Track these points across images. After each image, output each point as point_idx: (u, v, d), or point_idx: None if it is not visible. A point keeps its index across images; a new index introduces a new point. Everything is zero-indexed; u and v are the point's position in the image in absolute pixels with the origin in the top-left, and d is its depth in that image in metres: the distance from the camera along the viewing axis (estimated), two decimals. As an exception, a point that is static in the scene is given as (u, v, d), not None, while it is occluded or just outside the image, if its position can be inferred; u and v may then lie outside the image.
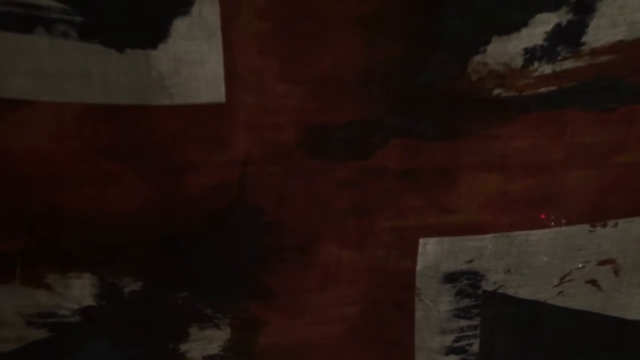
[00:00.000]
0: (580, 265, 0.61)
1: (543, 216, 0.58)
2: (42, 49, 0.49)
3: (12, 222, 0.54)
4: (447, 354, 0.63)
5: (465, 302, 0.61)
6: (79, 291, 0.56)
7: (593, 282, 0.62)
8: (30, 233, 0.54)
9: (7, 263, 0.55)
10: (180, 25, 0.49)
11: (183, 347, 0.60)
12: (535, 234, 0.59)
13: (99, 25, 0.48)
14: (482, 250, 0.59)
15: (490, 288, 0.61)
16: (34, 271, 0.55)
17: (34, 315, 0.57)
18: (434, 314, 0.61)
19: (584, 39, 0.52)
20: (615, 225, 0.59)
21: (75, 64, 0.49)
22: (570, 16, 0.51)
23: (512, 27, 0.51)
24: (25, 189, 0.53)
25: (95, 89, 0.50)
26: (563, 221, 0.58)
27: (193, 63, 0.50)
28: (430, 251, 0.59)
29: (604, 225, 0.59)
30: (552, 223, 0.58)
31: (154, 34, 0.49)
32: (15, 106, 0.50)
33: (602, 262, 0.61)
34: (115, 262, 0.56)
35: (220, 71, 0.51)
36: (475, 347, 0.63)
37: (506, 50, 0.52)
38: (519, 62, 0.53)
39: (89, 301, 0.57)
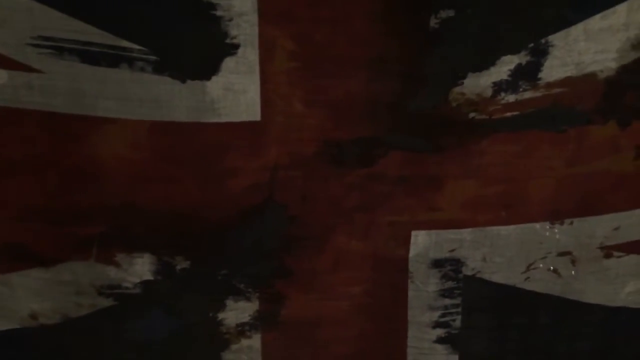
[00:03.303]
0: (543, 256, 0.67)
1: (510, 214, 0.65)
2: (125, 80, 0.55)
3: (96, 212, 0.61)
4: (434, 327, 0.69)
5: (449, 284, 0.67)
6: (141, 268, 0.63)
7: (554, 271, 0.68)
8: (109, 221, 0.62)
9: (87, 244, 0.63)
10: (229, 62, 0.56)
11: (221, 316, 0.66)
12: (505, 229, 0.65)
13: (168, 63, 0.56)
14: (462, 242, 0.65)
15: (469, 273, 0.67)
16: (106, 251, 0.63)
17: (104, 287, 0.64)
18: (424, 294, 0.67)
19: (540, 75, 0.59)
20: (571, 223, 0.66)
21: (149, 91, 0.56)
22: (528, 58, 0.58)
23: (483, 66, 0.58)
24: (107, 186, 0.60)
25: (163, 110, 0.56)
26: (527, 219, 0.65)
27: (237, 91, 0.56)
28: (421, 242, 0.64)
29: (562, 223, 0.66)
30: (519, 220, 0.65)
31: (209, 69, 0.56)
32: (103, 122, 0.58)
33: (561, 254, 0.67)
34: (171, 245, 0.63)
35: (257, 97, 0.57)
36: (458, 322, 0.69)
37: (479, 83, 0.58)
38: (489, 92, 0.59)
39: (148, 276, 0.64)
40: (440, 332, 0.70)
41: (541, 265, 0.68)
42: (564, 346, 0.72)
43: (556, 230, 0.67)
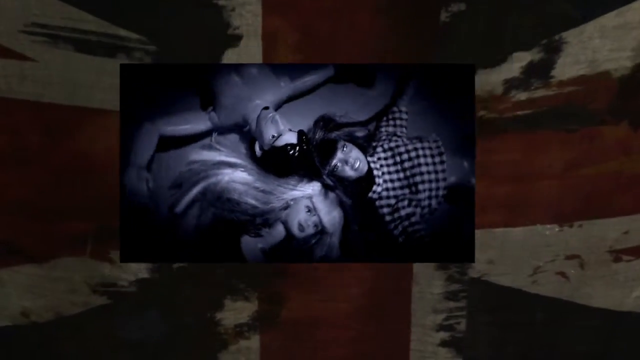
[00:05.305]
0: (551, 259, 0.66)
1: (517, 216, 0.63)
2: (123, 71, 0.56)
3: (89, 208, 0.60)
4: (438, 330, 0.68)
5: (454, 286, 0.66)
6: (136, 265, 0.63)
7: (562, 274, 0.67)
8: (103, 216, 0.61)
9: (82, 240, 0.61)
10: (230, 54, 0.57)
11: (218, 316, 0.65)
12: (513, 231, 0.64)
13: (168, 54, 0.56)
14: (469, 243, 0.64)
15: (475, 275, 0.66)
16: (101, 247, 0.62)
17: (98, 285, 0.63)
18: (428, 296, 0.66)
19: (553, 73, 0.59)
20: (580, 225, 0.65)
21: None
22: (541, 55, 0.58)
23: (494, 62, 0.58)
24: (101, 181, 0.59)
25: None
26: (536, 221, 0.64)
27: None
28: (426, 243, 0.64)
29: (570, 226, 0.65)
30: (527, 222, 0.64)
31: (210, 59, 0.57)
32: (98, 114, 0.57)
33: (570, 257, 0.66)
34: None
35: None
36: (462, 326, 0.68)
37: (489, 80, 0.58)
38: (499, 90, 0.59)
39: (144, 274, 0.63)
40: (444, 335, 0.69)
41: (549, 268, 0.67)
42: (567, 348, 0.71)
43: (565, 233, 0.65)
